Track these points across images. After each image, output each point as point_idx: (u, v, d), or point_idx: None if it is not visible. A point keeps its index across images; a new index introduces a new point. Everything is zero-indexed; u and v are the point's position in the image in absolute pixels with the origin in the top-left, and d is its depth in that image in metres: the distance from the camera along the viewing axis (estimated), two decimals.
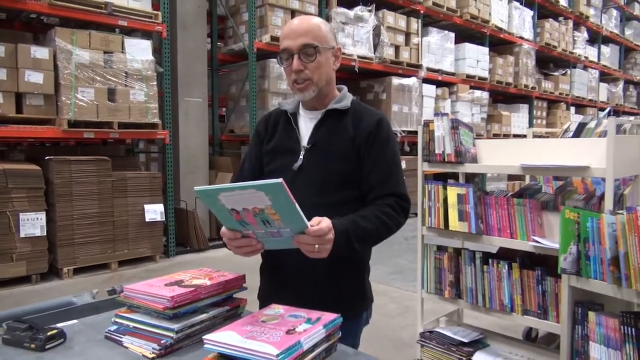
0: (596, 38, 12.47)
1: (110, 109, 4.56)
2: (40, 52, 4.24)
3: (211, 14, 6.46)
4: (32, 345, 1.11)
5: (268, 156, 1.46)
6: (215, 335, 1.04)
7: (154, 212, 4.81)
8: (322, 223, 1.15)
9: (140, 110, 4.75)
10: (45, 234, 4.17)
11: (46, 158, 4.32)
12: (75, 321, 1.30)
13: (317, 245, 1.14)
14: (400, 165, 1.43)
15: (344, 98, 1.43)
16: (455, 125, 2.31)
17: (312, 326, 1.07)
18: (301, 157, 1.38)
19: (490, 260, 2.26)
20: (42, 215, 4.16)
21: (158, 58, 5.08)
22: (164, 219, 4.93)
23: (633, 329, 1.52)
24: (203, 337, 1.05)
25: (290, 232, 1.14)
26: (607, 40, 13.03)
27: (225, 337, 1.02)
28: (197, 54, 5.80)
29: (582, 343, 1.70)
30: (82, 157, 4.48)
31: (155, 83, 4.90)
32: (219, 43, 6.71)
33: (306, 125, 1.43)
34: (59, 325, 1.23)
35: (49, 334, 1.14)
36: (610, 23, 12.96)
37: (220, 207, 1.12)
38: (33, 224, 4.12)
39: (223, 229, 1.23)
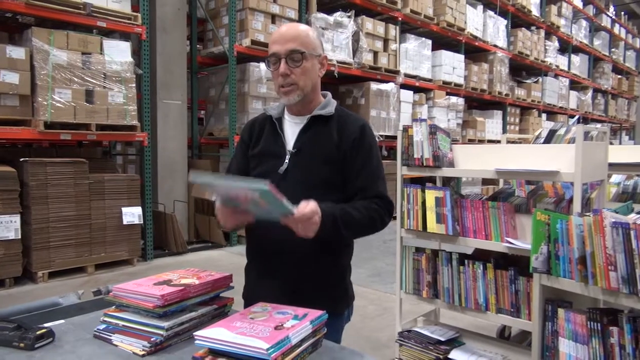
0: (566, 48, 12.89)
1: (88, 111, 4.50)
2: (16, 52, 4.17)
3: (191, 16, 6.44)
4: (22, 345, 1.12)
5: (254, 160, 1.49)
6: (206, 331, 1.07)
7: (132, 215, 4.77)
8: (307, 208, 1.22)
9: (119, 112, 4.71)
10: (19, 237, 4.09)
11: (21, 160, 4.24)
12: (62, 321, 1.32)
13: (300, 225, 1.22)
14: (383, 170, 1.49)
15: (328, 104, 1.48)
16: (434, 130, 2.39)
17: (300, 322, 1.12)
18: (286, 161, 1.42)
19: (466, 261, 2.34)
20: (16, 218, 4.08)
21: (137, 60, 5.04)
22: (142, 222, 4.89)
23: (599, 324, 1.61)
24: (194, 333, 1.08)
25: (278, 214, 1.23)
26: (576, 49, 13.48)
27: (215, 333, 1.06)
28: (176, 56, 5.78)
29: (552, 338, 1.79)
30: (59, 159, 4.41)
31: (134, 85, 4.86)
32: (198, 46, 6.69)
33: (291, 130, 1.47)
34: (46, 325, 1.24)
35: (38, 333, 1.15)
36: (580, 33, 13.42)
37: (215, 190, 1.27)
38: (7, 226, 4.04)
39: (217, 204, 1.32)
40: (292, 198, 1.33)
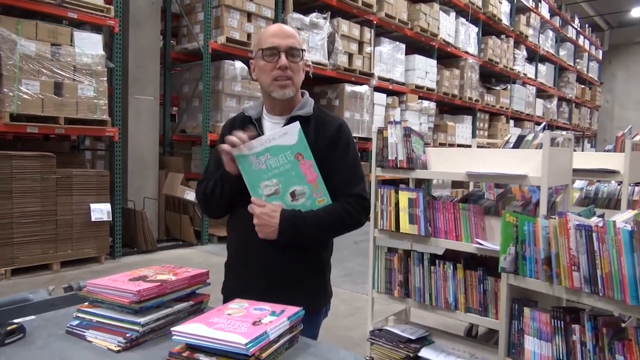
0: (534, 57, 13.30)
1: (57, 104, 4.38)
2: None
3: (165, 11, 6.35)
4: None
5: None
6: (183, 326, 1.07)
7: (101, 211, 4.66)
8: (260, 209, 1.36)
9: (89, 106, 4.60)
10: None
11: None
12: (33, 317, 1.29)
13: (255, 220, 1.34)
14: (361, 167, 1.52)
15: (306, 104, 1.50)
16: (408, 133, 2.44)
17: (277, 318, 1.13)
18: None
19: (437, 261, 2.40)
20: None
21: (109, 53, 4.94)
22: (110, 219, 4.78)
23: (562, 322, 1.69)
24: (171, 328, 1.08)
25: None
26: (543, 59, 13.92)
27: (193, 328, 1.06)
28: (149, 51, 5.68)
29: (518, 337, 1.86)
30: (25, 153, 4.28)
31: (105, 79, 4.76)
32: (172, 41, 6.60)
33: (271, 130, 1.48)
34: (16, 320, 1.21)
35: (8, 328, 1.13)
36: (546, 43, 13.87)
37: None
38: None
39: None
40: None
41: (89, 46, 4.64)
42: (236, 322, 1.10)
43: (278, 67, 1.40)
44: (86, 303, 1.23)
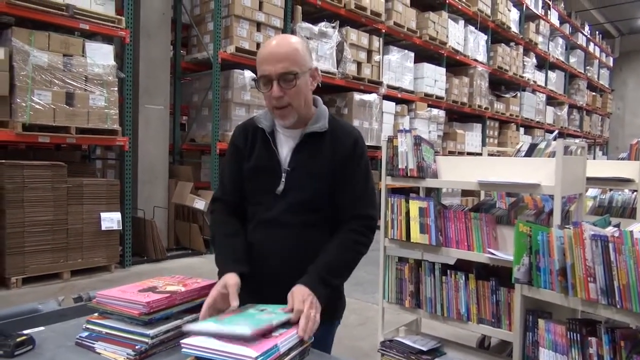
0: (543, 64, 13.23)
1: (68, 114, 4.42)
2: None
3: (175, 21, 6.41)
4: (0, 352, 1.09)
5: (248, 174, 1.46)
6: (192, 339, 1.06)
7: (111, 220, 4.68)
8: (304, 317, 1.17)
9: (100, 116, 4.64)
10: None
11: None
12: (42, 328, 1.28)
13: (308, 323, 1.17)
14: (372, 184, 1.48)
15: (320, 117, 1.44)
16: (418, 141, 2.42)
17: (287, 330, 1.12)
18: (283, 179, 1.41)
19: (448, 271, 2.36)
20: None
21: (120, 64, 4.99)
22: (120, 228, 4.80)
23: (578, 335, 1.65)
24: (180, 341, 1.07)
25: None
26: (553, 66, 13.84)
27: (202, 341, 1.05)
28: (159, 61, 5.73)
29: (533, 349, 1.82)
30: (36, 162, 4.31)
31: (116, 89, 4.80)
32: (182, 51, 6.65)
33: (285, 146, 1.44)
34: (26, 332, 1.21)
35: (17, 340, 1.12)
36: (556, 50, 13.80)
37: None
38: None
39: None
40: (285, 215, 1.40)
41: (100, 57, 4.69)
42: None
43: (272, 97, 1.34)
44: (96, 314, 1.23)
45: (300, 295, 1.23)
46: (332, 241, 1.41)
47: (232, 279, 1.28)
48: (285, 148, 1.44)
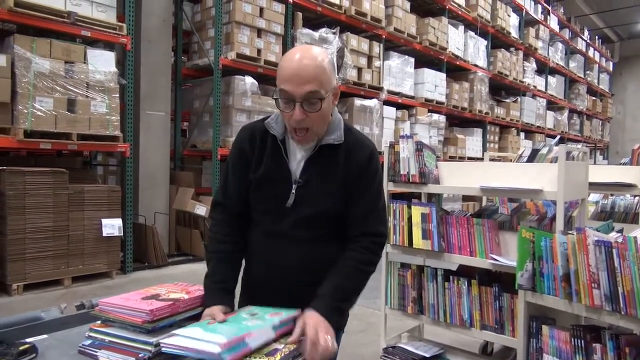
0: (543, 69, 13.25)
1: (70, 120, 4.43)
2: None
3: (176, 28, 6.43)
4: None
5: (256, 183, 1.39)
6: (171, 339, 1.09)
7: (112, 226, 4.68)
8: (310, 337, 1.16)
9: (101, 122, 4.65)
10: None
11: None
12: (45, 336, 1.28)
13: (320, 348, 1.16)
14: (383, 199, 1.44)
15: (336, 128, 1.37)
16: (420, 147, 2.42)
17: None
18: (293, 191, 1.35)
19: (451, 277, 2.36)
20: None
21: (121, 70, 5.00)
22: (122, 234, 4.80)
23: (582, 341, 1.64)
24: (160, 341, 1.10)
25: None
26: (553, 71, 13.86)
27: (178, 341, 1.07)
28: (160, 67, 5.75)
29: (537, 355, 1.81)
30: (38, 169, 4.31)
31: (117, 95, 4.81)
32: (183, 57, 6.67)
33: (297, 155, 1.37)
34: (28, 340, 1.20)
35: (20, 348, 1.12)
36: (556, 55, 13.83)
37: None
38: None
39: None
40: (295, 229, 1.36)
41: (102, 63, 4.70)
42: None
43: (294, 119, 1.26)
44: (98, 322, 1.22)
45: (313, 322, 1.20)
46: (344, 261, 1.35)
47: (219, 311, 1.24)
48: (297, 157, 1.37)
